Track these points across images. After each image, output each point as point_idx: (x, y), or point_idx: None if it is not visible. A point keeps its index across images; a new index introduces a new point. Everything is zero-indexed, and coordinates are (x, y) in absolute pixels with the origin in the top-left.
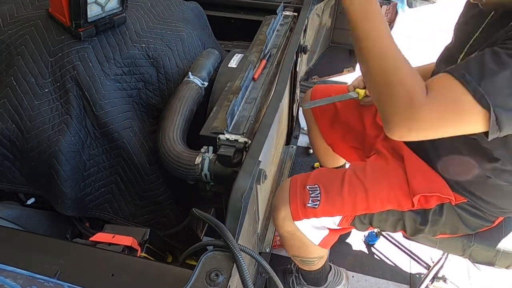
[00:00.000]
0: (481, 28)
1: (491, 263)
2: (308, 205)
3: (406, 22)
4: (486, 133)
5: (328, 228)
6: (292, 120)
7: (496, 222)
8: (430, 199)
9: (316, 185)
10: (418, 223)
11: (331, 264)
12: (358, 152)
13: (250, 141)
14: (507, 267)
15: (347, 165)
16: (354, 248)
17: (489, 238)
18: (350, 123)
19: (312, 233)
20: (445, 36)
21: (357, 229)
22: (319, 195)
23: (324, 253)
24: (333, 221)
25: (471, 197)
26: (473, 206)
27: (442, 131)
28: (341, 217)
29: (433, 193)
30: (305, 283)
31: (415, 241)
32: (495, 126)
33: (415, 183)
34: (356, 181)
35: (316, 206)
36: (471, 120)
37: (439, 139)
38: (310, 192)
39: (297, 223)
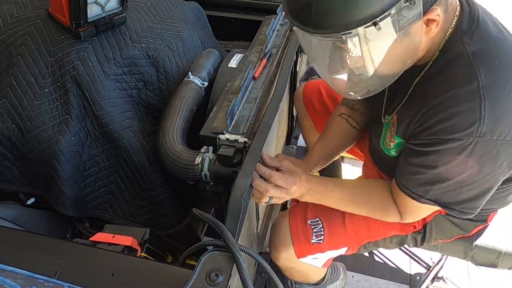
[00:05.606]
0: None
1: (493, 265)
2: (313, 241)
3: None
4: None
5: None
6: (292, 120)
7: (489, 220)
8: (427, 217)
9: (317, 219)
10: (419, 241)
11: None
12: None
13: (250, 141)
14: (509, 268)
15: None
16: None
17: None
18: None
19: (316, 261)
20: None
21: (361, 253)
22: (322, 229)
23: (325, 270)
24: (339, 252)
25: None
26: None
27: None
28: (346, 248)
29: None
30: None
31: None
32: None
33: None
34: None
35: (321, 242)
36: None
37: (387, 165)
38: (313, 227)
39: (302, 259)
